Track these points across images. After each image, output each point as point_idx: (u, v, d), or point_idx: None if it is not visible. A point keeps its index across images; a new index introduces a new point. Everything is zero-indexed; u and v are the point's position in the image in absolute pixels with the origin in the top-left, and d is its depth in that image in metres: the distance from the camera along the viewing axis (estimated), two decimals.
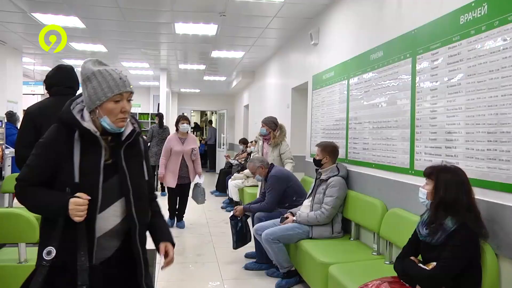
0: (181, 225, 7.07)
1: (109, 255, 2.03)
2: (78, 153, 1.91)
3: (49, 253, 1.88)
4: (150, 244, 2.83)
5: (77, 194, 1.86)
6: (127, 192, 2.01)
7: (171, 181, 6.80)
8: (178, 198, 7.07)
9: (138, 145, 2.14)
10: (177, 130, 6.91)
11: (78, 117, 1.97)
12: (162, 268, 2.32)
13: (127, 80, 1.99)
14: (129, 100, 2.00)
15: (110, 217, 1.99)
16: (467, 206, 2.50)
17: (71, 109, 1.99)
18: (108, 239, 2.01)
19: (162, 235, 2.32)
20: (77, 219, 1.85)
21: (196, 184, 6.92)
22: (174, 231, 5.49)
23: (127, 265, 2.09)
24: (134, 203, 2.02)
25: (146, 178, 2.16)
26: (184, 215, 7.19)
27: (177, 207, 7.09)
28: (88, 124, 1.95)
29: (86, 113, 1.97)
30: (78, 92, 3.98)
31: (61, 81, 3.78)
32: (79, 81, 3.94)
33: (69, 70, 3.88)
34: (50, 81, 3.81)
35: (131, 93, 2.00)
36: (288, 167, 5.79)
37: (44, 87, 3.89)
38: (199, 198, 6.89)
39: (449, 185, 2.53)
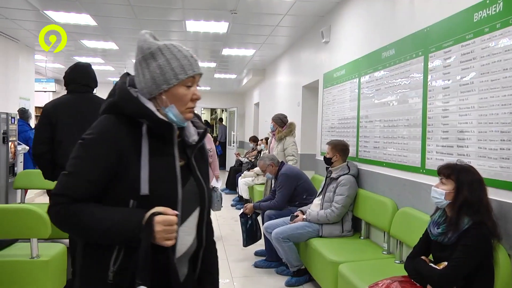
0: None
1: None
2: (147, 153, 1.46)
3: None
4: None
5: (159, 209, 1.41)
6: (203, 203, 1.63)
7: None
8: None
9: (204, 146, 1.74)
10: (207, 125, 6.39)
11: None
12: None
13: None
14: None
15: (184, 236, 1.56)
16: (485, 205, 2.48)
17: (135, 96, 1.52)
18: (180, 265, 1.58)
19: (210, 280, 1.77)
20: (168, 243, 1.41)
21: (212, 189, 6.08)
22: None
23: None
24: (206, 217, 1.66)
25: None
26: None
27: None
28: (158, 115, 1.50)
29: (144, 101, 1.52)
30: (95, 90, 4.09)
31: (77, 78, 3.88)
32: (95, 78, 4.04)
33: (86, 68, 3.97)
34: (68, 78, 3.93)
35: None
36: (289, 163, 5.80)
37: (63, 83, 3.98)
38: (215, 204, 6.09)
39: (473, 185, 2.50)
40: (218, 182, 6.06)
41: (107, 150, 1.44)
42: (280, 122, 6.28)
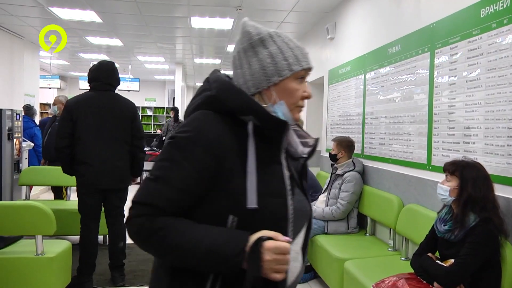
0: None
1: None
2: (254, 157, 1.19)
3: None
4: None
5: (269, 233, 1.13)
6: (310, 221, 1.38)
7: None
8: None
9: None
10: None
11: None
12: None
13: None
14: None
15: (292, 263, 1.27)
16: (493, 203, 2.46)
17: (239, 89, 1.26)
18: None
19: None
20: (278, 277, 1.13)
21: None
22: None
23: None
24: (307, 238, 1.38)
25: None
26: None
27: None
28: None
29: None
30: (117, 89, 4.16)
31: (101, 77, 4.02)
32: (118, 77, 4.16)
33: (110, 66, 4.10)
34: (91, 76, 4.07)
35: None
36: None
37: (87, 80, 4.09)
38: None
39: (477, 181, 2.48)
40: None
41: (205, 153, 1.17)
42: None
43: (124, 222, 1.20)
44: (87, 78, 4.08)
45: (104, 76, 3.97)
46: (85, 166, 3.83)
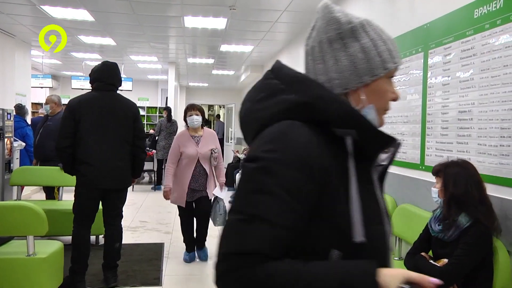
0: (203, 254, 5.00)
1: None
2: (355, 181, 0.99)
3: None
4: (155, 238, 2.82)
5: (414, 277, 0.94)
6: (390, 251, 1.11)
7: (181, 198, 4.78)
8: (194, 219, 4.98)
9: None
10: (187, 124, 4.94)
11: None
12: None
13: None
14: None
15: None
16: (479, 199, 2.47)
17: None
18: None
19: None
20: None
21: (215, 199, 4.90)
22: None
23: None
24: None
25: None
26: (205, 241, 5.07)
27: (194, 234, 5.00)
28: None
29: None
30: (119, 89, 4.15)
31: (104, 77, 4.04)
32: (121, 78, 4.18)
33: (113, 67, 4.13)
34: (94, 76, 4.06)
35: None
36: None
37: (89, 81, 4.09)
38: (217, 218, 4.84)
39: (458, 179, 2.51)
40: (222, 191, 4.94)
41: (304, 177, 0.94)
42: None
43: (214, 281, 0.90)
44: (89, 78, 4.08)
45: (107, 76, 3.98)
46: (86, 166, 3.81)
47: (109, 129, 3.88)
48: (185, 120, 4.89)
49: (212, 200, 4.89)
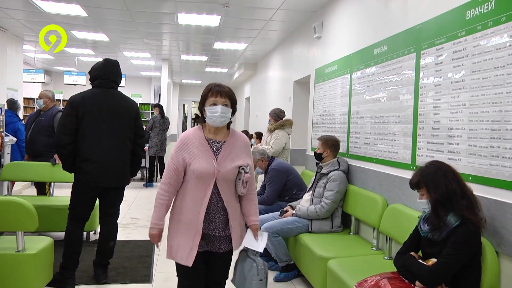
0: None
1: None
2: None
3: None
4: (146, 235, 2.81)
5: None
6: None
7: (184, 250, 2.66)
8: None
9: None
10: (200, 119, 2.81)
11: None
12: None
13: None
14: None
15: None
16: (460, 192, 2.51)
17: None
18: None
19: None
20: None
21: (246, 252, 2.90)
22: None
23: None
24: None
25: None
26: None
27: None
28: None
29: None
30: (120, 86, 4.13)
31: (106, 74, 4.03)
32: (121, 75, 4.19)
33: (115, 64, 4.15)
34: (96, 73, 4.05)
35: None
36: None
37: (88, 78, 4.09)
38: (250, 285, 2.82)
39: (436, 181, 2.55)
40: (258, 241, 2.84)
41: None
42: (275, 116, 6.36)
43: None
44: (90, 75, 4.06)
45: (109, 73, 3.98)
46: (89, 163, 3.80)
47: (112, 127, 3.88)
48: (200, 111, 2.78)
49: (239, 256, 2.92)
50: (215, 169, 2.62)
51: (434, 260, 2.47)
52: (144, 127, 11.48)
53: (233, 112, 2.73)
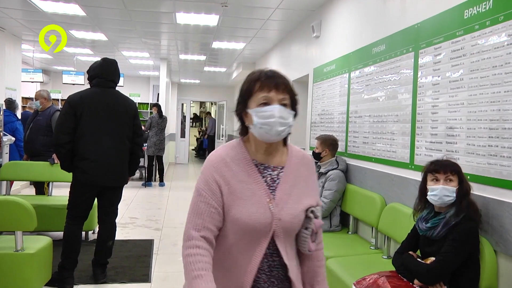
0: None
1: None
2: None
3: None
4: (145, 235, 2.81)
5: None
6: None
7: None
8: None
9: None
10: (241, 130, 1.70)
11: None
12: None
13: None
14: None
15: None
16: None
17: None
18: None
19: None
20: None
21: None
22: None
23: None
24: None
25: None
26: None
27: None
28: None
29: None
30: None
31: (105, 73, 4.04)
32: (120, 74, 4.17)
33: (114, 64, 4.16)
34: (94, 73, 4.05)
35: None
36: None
37: (86, 77, 4.11)
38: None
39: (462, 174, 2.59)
40: None
41: None
42: None
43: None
44: (88, 74, 4.07)
45: (107, 73, 3.98)
46: (87, 162, 3.80)
47: (110, 126, 3.88)
48: (240, 116, 1.70)
49: None
50: (273, 216, 1.59)
51: (433, 259, 2.48)
52: (143, 127, 11.50)
53: (295, 116, 1.67)
